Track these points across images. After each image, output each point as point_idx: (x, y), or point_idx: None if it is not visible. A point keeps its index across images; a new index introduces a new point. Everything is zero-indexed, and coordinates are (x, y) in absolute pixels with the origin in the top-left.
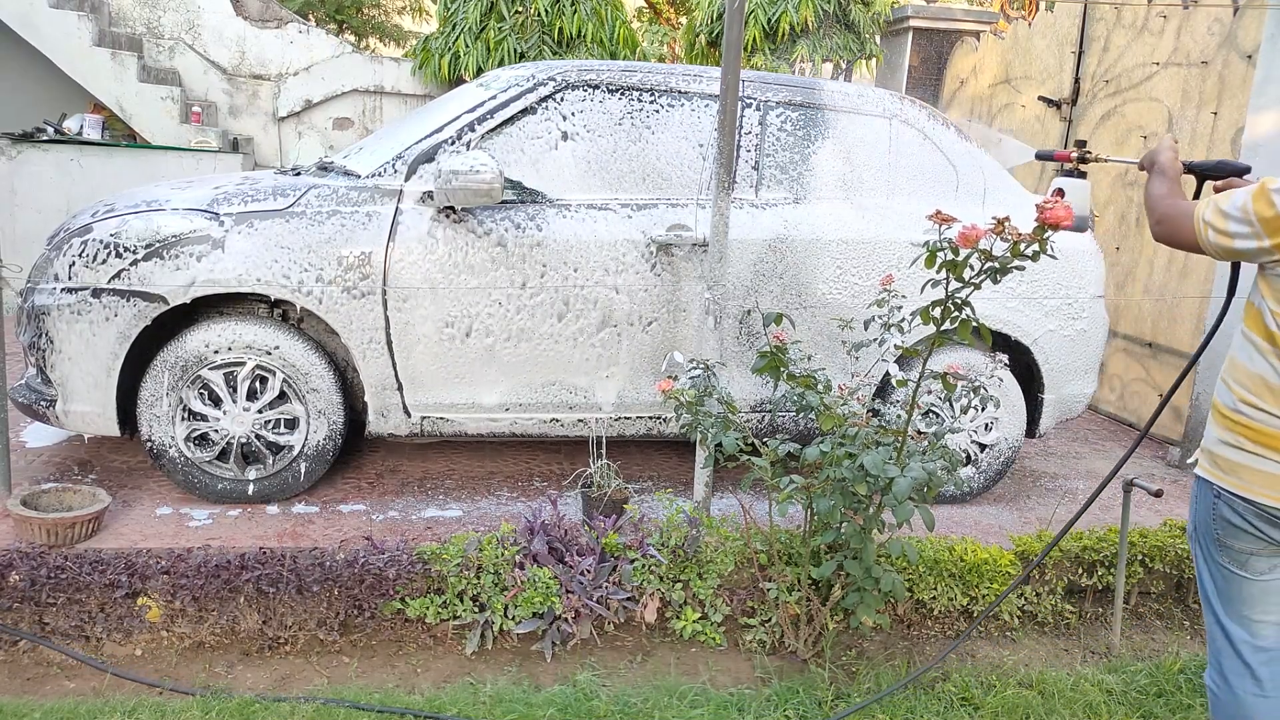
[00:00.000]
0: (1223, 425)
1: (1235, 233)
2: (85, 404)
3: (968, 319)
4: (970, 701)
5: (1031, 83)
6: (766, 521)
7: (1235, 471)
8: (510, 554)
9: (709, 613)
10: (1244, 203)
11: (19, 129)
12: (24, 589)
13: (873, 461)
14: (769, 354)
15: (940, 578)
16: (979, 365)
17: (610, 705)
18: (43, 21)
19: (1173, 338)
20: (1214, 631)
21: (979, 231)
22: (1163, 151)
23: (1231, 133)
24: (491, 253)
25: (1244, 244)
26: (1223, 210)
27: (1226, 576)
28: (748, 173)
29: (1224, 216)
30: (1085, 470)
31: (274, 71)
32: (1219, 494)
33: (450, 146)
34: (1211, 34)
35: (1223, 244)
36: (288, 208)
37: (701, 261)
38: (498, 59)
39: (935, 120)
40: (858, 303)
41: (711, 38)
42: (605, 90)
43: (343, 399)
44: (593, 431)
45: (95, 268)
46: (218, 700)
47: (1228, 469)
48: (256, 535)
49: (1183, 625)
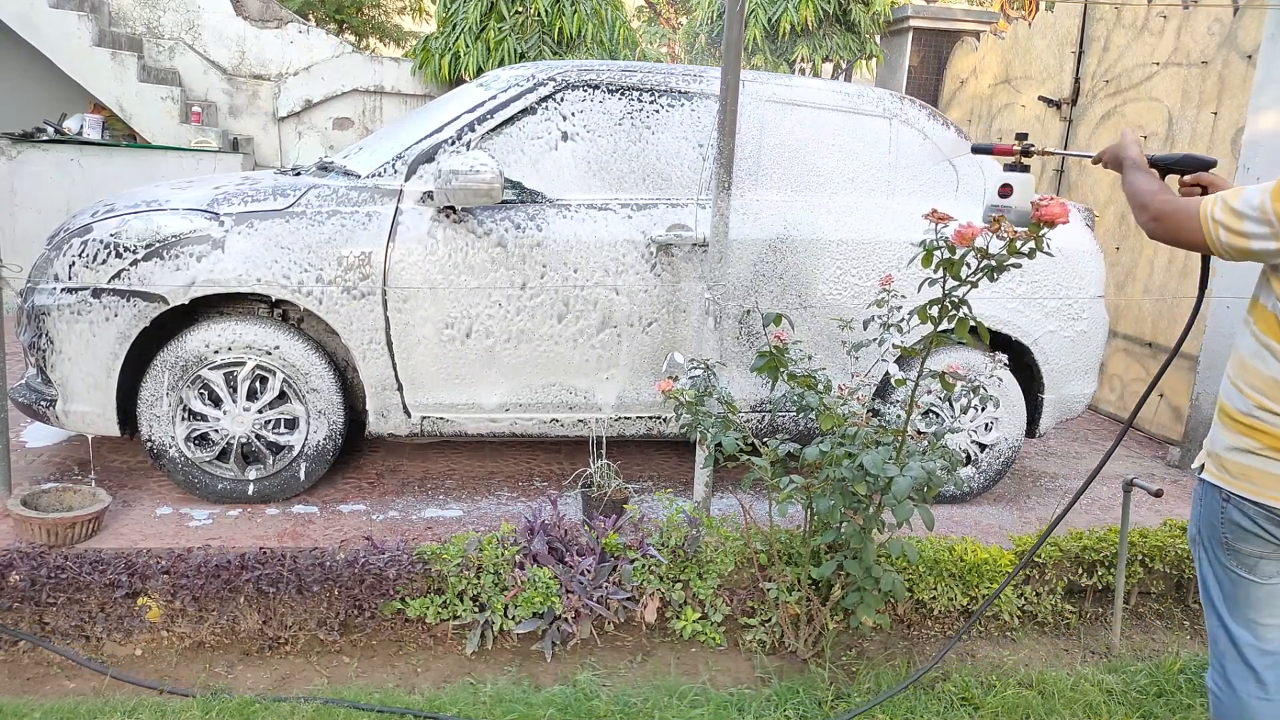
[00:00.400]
0: (1234, 430)
1: (1252, 233)
2: (85, 404)
3: (965, 318)
4: (970, 701)
5: (1031, 83)
6: (766, 521)
7: (1247, 476)
8: (510, 554)
9: (709, 613)
10: (1261, 202)
11: (19, 129)
12: (24, 589)
13: (872, 461)
14: (769, 354)
15: (940, 578)
16: (979, 365)
17: (610, 705)
18: (43, 21)
19: (1173, 338)
20: (1218, 635)
21: (975, 230)
22: (1129, 146)
23: (1231, 133)
24: (491, 253)
25: (1261, 245)
26: (1235, 209)
27: (1234, 580)
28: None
29: (1238, 216)
30: (1085, 470)
31: (274, 71)
32: (1228, 498)
33: (450, 146)
34: (1211, 34)
35: (1237, 244)
36: (288, 208)
37: (701, 262)
38: (498, 59)
39: (935, 120)
40: (857, 303)
41: (711, 38)
42: (605, 90)
43: (343, 399)
44: (593, 431)
45: (95, 268)
46: (218, 700)
47: (1239, 473)
48: (256, 535)
49: (1183, 625)
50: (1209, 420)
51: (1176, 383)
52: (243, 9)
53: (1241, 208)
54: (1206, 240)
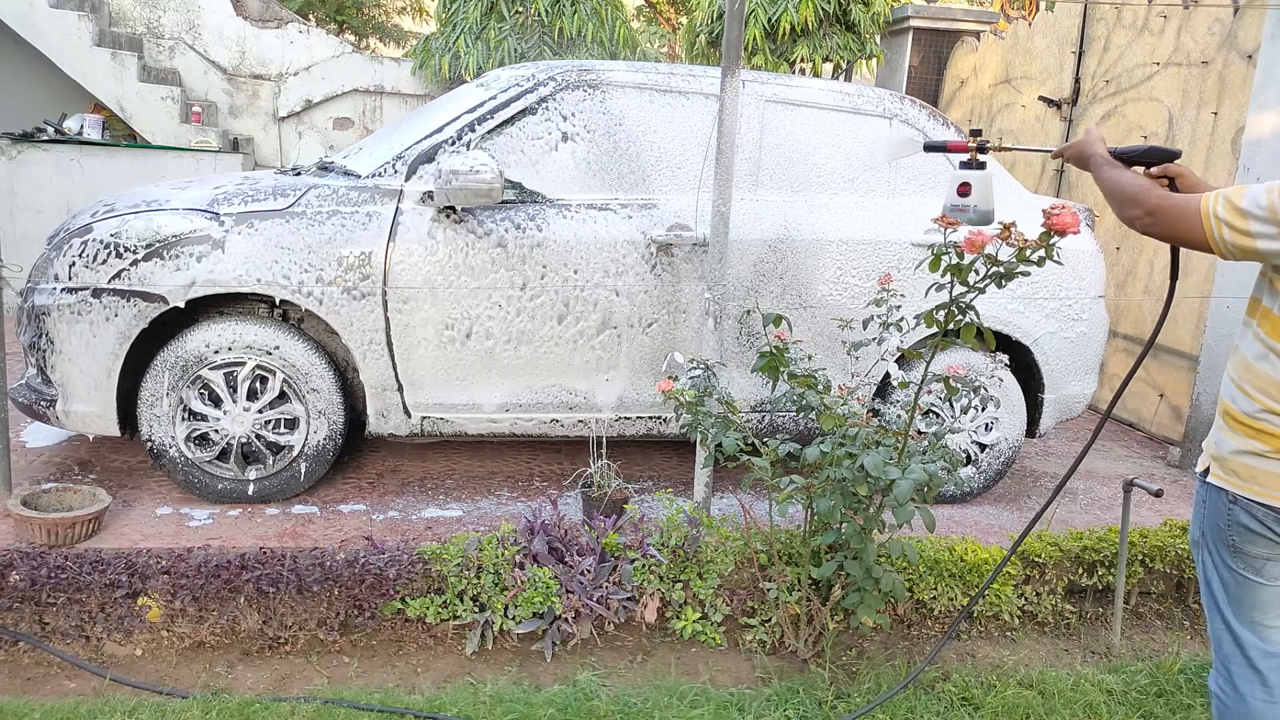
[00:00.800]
0: (1241, 433)
1: (1259, 232)
2: (85, 404)
3: (972, 322)
4: (970, 701)
5: (1032, 83)
6: (766, 521)
7: (1255, 478)
8: (510, 554)
9: (709, 613)
10: (1270, 201)
11: (19, 129)
12: (24, 589)
13: (873, 462)
14: (769, 354)
15: (940, 578)
16: (979, 365)
17: (610, 705)
18: (43, 21)
19: (1173, 338)
20: (1222, 637)
21: (985, 237)
22: (1095, 143)
23: (1232, 133)
24: (492, 253)
25: (1268, 244)
26: (1241, 208)
27: (1239, 582)
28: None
29: (1243, 215)
30: (1085, 470)
31: (274, 71)
32: (1235, 500)
33: (450, 147)
34: (1211, 34)
35: (1241, 244)
36: (288, 208)
37: (702, 262)
38: (498, 59)
39: (935, 120)
40: (857, 303)
41: (711, 38)
42: (605, 90)
43: (343, 399)
44: (593, 432)
45: (95, 268)
46: (218, 700)
47: (1247, 475)
48: (256, 535)
49: (1183, 625)
50: (1209, 420)
51: (1176, 383)
52: (243, 9)
53: (1248, 206)
54: (1208, 238)
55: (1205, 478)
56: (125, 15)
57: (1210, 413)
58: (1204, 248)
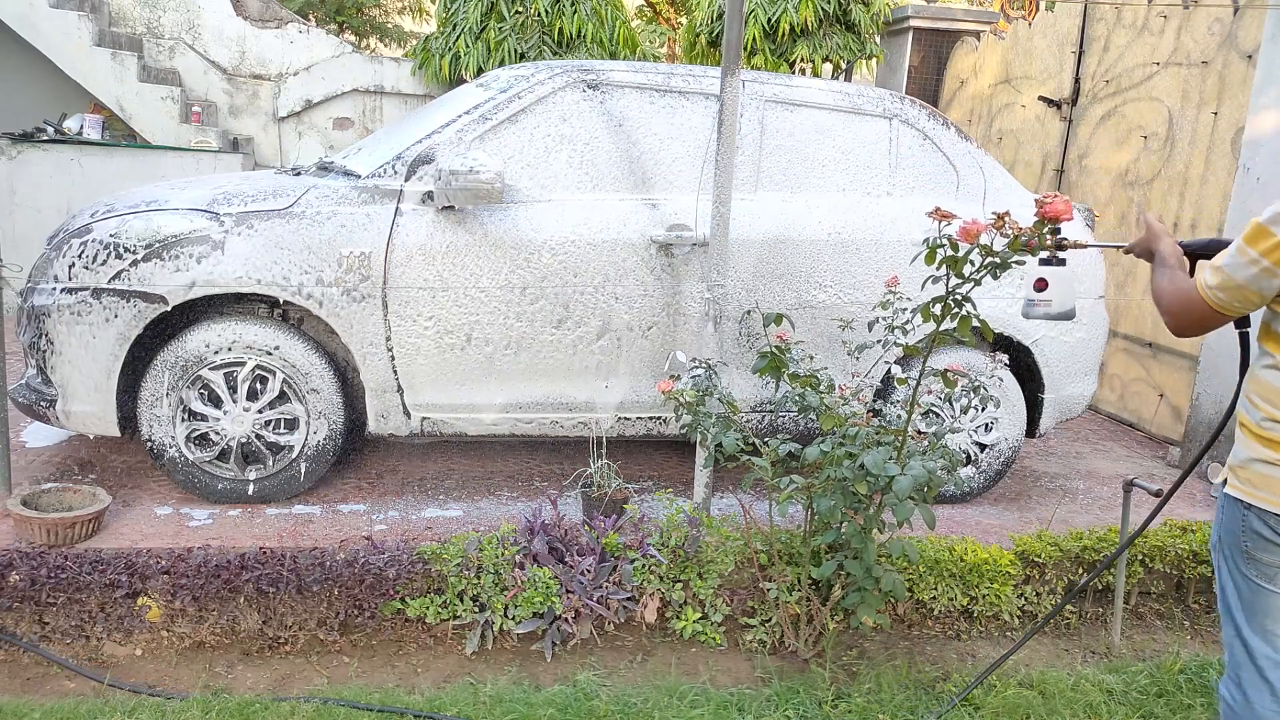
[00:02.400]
0: (1253, 441)
1: (1244, 280)
2: (85, 404)
3: (968, 315)
4: (970, 701)
5: (1032, 83)
6: (767, 521)
7: (1267, 486)
8: (510, 554)
9: (709, 613)
10: (1238, 247)
11: (19, 129)
12: (24, 589)
13: (873, 461)
14: (770, 354)
15: (940, 578)
16: (979, 365)
17: (610, 705)
18: (43, 21)
19: (1173, 338)
20: (1234, 645)
21: (979, 226)
22: (1162, 239)
23: (1231, 133)
24: (492, 253)
25: (1255, 282)
26: (1218, 265)
27: (1253, 589)
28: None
29: (1221, 271)
30: (1085, 470)
31: (274, 71)
32: (1249, 508)
33: (450, 147)
34: (1211, 34)
35: (1236, 296)
36: (287, 208)
37: (702, 262)
38: (498, 59)
39: (935, 120)
40: (858, 303)
41: (711, 38)
42: (605, 90)
43: (343, 399)
44: (593, 432)
45: (95, 268)
46: (218, 700)
47: (1260, 484)
48: (256, 535)
49: (1183, 625)
50: (1209, 420)
51: (1176, 383)
52: (243, 9)
53: (1226, 264)
54: (1212, 307)
55: (1224, 487)
56: (125, 15)
57: (1210, 413)
58: (1219, 319)
